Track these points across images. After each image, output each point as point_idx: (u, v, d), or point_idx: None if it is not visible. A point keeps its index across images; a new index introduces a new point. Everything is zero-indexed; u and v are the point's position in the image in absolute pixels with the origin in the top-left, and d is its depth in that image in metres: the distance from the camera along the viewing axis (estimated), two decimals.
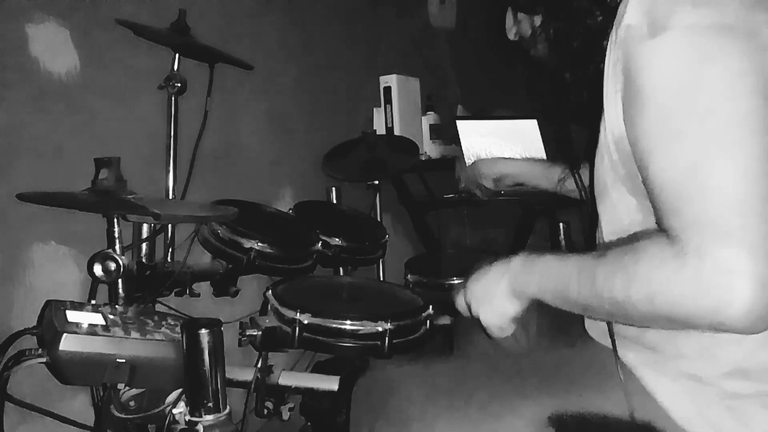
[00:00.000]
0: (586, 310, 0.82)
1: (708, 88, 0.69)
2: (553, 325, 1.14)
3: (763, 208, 0.66)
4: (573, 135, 1.00)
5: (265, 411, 1.38)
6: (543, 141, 2.48)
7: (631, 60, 0.74)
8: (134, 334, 1.01)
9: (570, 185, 1.31)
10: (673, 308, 0.69)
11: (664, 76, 0.71)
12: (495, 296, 0.94)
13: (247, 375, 1.38)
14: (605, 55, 0.80)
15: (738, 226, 0.65)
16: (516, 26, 1.03)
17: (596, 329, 0.98)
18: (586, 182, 0.98)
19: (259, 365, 1.40)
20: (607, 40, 0.80)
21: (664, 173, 0.71)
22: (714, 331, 0.69)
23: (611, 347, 0.88)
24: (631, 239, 0.76)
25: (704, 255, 0.66)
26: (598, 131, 0.85)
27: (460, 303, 1.02)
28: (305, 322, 1.28)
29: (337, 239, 1.75)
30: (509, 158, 1.61)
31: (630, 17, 0.75)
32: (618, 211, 0.87)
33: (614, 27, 0.78)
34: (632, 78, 0.74)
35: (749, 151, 0.67)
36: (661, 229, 0.72)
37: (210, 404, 0.94)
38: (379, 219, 2.17)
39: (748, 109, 0.68)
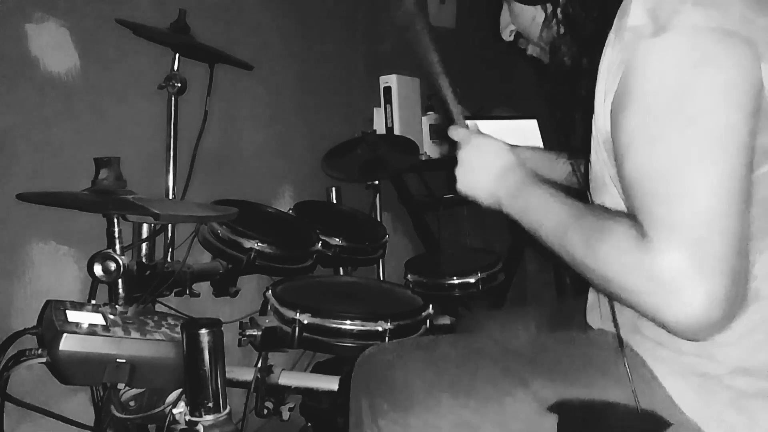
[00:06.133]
0: (555, 254, 0.85)
1: (696, 95, 0.69)
2: (557, 317, 1.14)
3: (726, 223, 0.67)
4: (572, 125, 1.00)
5: (265, 411, 1.38)
6: (543, 141, 2.48)
7: (630, 59, 0.74)
8: (134, 334, 1.01)
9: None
10: (624, 295, 0.72)
11: (657, 76, 0.72)
12: (480, 183, 1.00)
13: (247, 375, 1.38)
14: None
15: (700, 237, 0.67)
16: (513, 21, 1.03)
17: (595, 317, 0.98)
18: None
19: (259, 365, 1.40)
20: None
21: (639, 170, 0.72)
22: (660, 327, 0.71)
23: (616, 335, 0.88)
24: (609, 213, 0.78)
25: (662, 257, 0.67)
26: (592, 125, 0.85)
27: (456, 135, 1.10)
28: (305, 321, 1.28)
29: (337, 239, 1.75)
30: (516, 145, 1.55)
31: (634, 18, 0.74)
32: (620, 206, 0.87)
33: (615, 25, 0.78)
34: (627, 74, 0.74)
35: (724, 165, 0.68)
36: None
37: (210, 404, 0.94)
38: (379, 219, 2.17)
39: (732, 123, 0.69)
